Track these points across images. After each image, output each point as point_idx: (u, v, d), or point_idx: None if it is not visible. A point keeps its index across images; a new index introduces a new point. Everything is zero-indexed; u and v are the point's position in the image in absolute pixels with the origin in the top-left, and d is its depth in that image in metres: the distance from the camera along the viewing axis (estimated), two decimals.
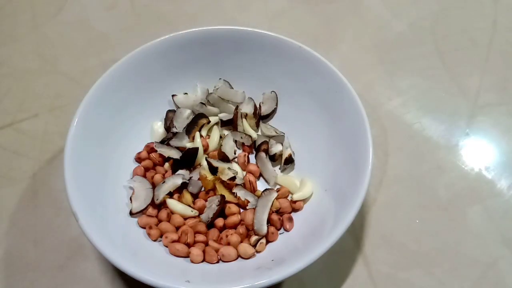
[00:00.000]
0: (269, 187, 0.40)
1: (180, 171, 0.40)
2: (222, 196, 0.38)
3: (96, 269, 0.39)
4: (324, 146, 0.40)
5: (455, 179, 0.44)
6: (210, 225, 0.38)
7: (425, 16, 0.56)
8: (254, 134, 0.43)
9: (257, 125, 0.44)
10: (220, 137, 0.43)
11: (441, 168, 0.44)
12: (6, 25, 0.56)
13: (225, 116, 0.44)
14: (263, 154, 0.41)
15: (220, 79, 0.45)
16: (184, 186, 0.40)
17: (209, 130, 0.44)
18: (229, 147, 0.42)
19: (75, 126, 0.36)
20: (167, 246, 0.37)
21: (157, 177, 0.40)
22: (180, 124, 0.43)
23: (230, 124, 0.44)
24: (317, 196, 0.39)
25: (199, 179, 0.39)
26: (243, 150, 0.43)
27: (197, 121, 0.42)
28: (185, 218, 0.39)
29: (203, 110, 0.44)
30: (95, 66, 0.52)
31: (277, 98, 0.44)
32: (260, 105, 0.45)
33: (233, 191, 0.39)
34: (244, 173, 0.41)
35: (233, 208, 0.38)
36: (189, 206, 0.39)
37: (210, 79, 0.45)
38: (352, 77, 0.40)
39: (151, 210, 0.39)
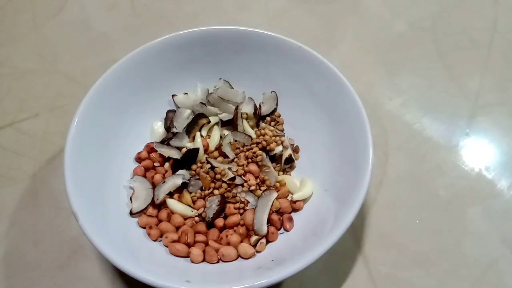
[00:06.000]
0: (269, 187, 0.40)
1: (180, 171, 0.40)
2: (222, 196, 0.38)
3: (96, 269, 0.39)
4: (324, 146, 0.40)
5: (455, 179, 0.44)
6: (210, 225, 0.38)
7: (425, 16, 0.56)
8: (254, 134, 0.43)
9: (257, 125, 0.44)
10: (220, 137, 0.43)
11: (441, 168, 0.44)
12: (6, 25, 0.56)
13: (225, 116, 0.44)
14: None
15: (220, 79, 0.45)
16: (184, 186, 0.40)
17: (209, 130, 0.44)
18: (229, 147, 0.42)
19: (75, 126, 0.36)
20: (167, 246, 0.37)
21: (157, 177, 0.40)
22: (180, 124, 0.43)
23: (230, 124, 0.44)
24: (317, 196, 0.39)
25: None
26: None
27: (197, 121, 0.42)
28: (185, 218, 0.39)
29: (203, 110, 0.44)
30: (95, 66, 0.52)
31: (277, 98, 0.44)
32: (260, 105, 0.45)
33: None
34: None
35: (233, 208, 0.38)
36: (189, 206, 0.39)
37: (210, 79, 0.45)
38: (352, 77, 0.40)
39: (151, 210, 0.39)
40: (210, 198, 0.39)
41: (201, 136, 0.42)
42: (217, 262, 0.36)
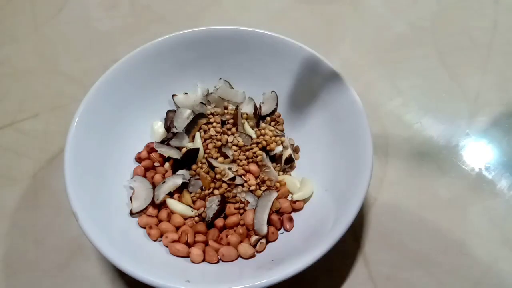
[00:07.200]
0: (269, 187, 0.40)
1: (180, 171, 0.40)
2: (222, 196, 0.38)
3: (96, 269, 0.39)
4: (324, 146, 0.40)
5: (455, 179, 0.44)
6: (210, 225, 0.38)
7: (425, 16, 0.56)
8: (254, 134, 0.43)
9: (257, 125, 0.44)
10: None
11: (441, 168, 0.44)
12: (6, 25, 0.56)
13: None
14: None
15: (220, 79, 0.45)
16: (184, 186, 0.40)
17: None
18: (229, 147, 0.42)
19: (75, 126, 0.36)
20: (167, 246, 0.37)
21: (157, 177, 0.40)
22: (180, 124, 0.43)
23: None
24: (317, 196, 0.39)
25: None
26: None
27: (197, 121, 0.42)
28: (185, 218, 0.39)
29: (203, 110, 0.44)
30: (95, 66, 0.52)
31: (277, 98, 0.44)
32: (260, 105, 0.45)
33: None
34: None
35: (233, 208, 0.38)
36: (189, 206, 0.39)
37: (210, 79, 0.45)
38: (352, 77, 0.40)
39: (151, 210, 0.39)
40: (210, 198, 0.39)
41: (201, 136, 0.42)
42: (217, 262, 0.36)
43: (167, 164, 0.41)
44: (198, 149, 0.40)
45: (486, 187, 0.43)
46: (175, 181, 0.39)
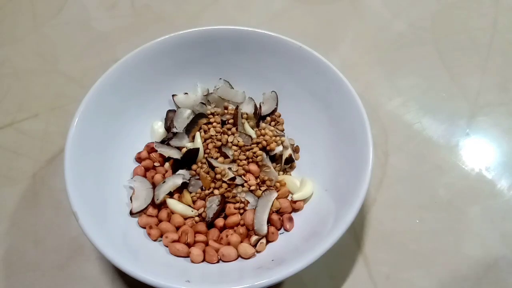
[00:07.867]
0: (269, 187, 0.40)
1: (180, 171, 0.40)
2: (222, 196, 0.38)
3: (96, 269, 0.39)
4: (324, 146, 0.40)
5: (455, 179, 0.44)
6: (210, 225, 0.38)
7: (425, 16, 0.56)
8: (254, 134, 0.43)
9: (257, 125, 0.44)
10: None
11: (441, 168, 0.44)
12: (6, 25, 0.56)
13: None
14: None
15: (220, 79, 0.45)
16: (184, 186, 0.40)
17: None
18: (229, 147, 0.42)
19: (75, 126, 0.36)
20: (167, 246, 0.37)
21: (157, 177, 0.40)
22: (180, 124, 0.43)
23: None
24: (317, 196, 0.39)
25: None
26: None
27: (197, 121, 0.42)
28: (185, 218, 0.39)
29: (203, 110, 0.44)
30: (95, 66, 0.52)
31: (277, 98, 0.44)
32: (260, 105, 0.45)
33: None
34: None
35: (233, 208, 0.38)
36: (189, 206, 0.39)
37: (210, 79, 0.45)
38: (352, 77, 0.40)
39: (151, 210, 0.39)
40: (210, 198, 0.39)
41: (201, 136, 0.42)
42: (217, 262, 0.36)
43: (167, 164, 0.41)
44: (198, 149, 0.40)
45: (486, 187, 0.43)
46: (175, 181, 0.39)
